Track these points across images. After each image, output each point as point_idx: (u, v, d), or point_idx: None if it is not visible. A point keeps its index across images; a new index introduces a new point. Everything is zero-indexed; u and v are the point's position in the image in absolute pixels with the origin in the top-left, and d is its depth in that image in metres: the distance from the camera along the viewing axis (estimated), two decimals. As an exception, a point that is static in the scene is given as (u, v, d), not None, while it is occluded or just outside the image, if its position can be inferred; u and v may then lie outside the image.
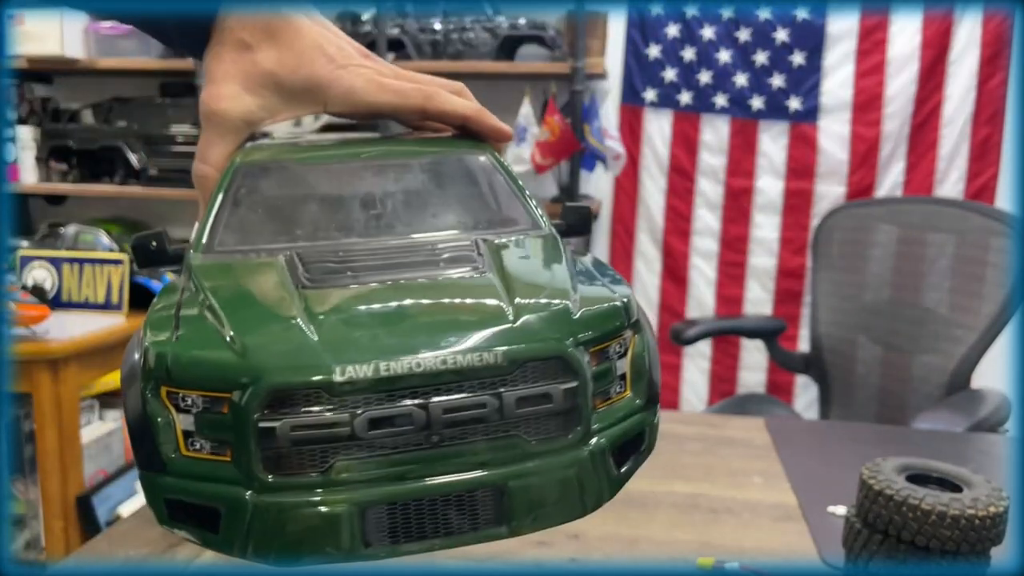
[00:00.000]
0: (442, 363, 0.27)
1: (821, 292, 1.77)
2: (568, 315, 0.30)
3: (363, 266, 0.32)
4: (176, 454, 0.28)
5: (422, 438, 0.27)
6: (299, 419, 0.26)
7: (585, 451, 0.30)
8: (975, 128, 2.23)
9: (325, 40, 0.44)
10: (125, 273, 2.14)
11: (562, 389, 0.29)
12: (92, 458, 2.02)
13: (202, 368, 0.27)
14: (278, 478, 0.27)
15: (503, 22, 2.17)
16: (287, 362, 0.26)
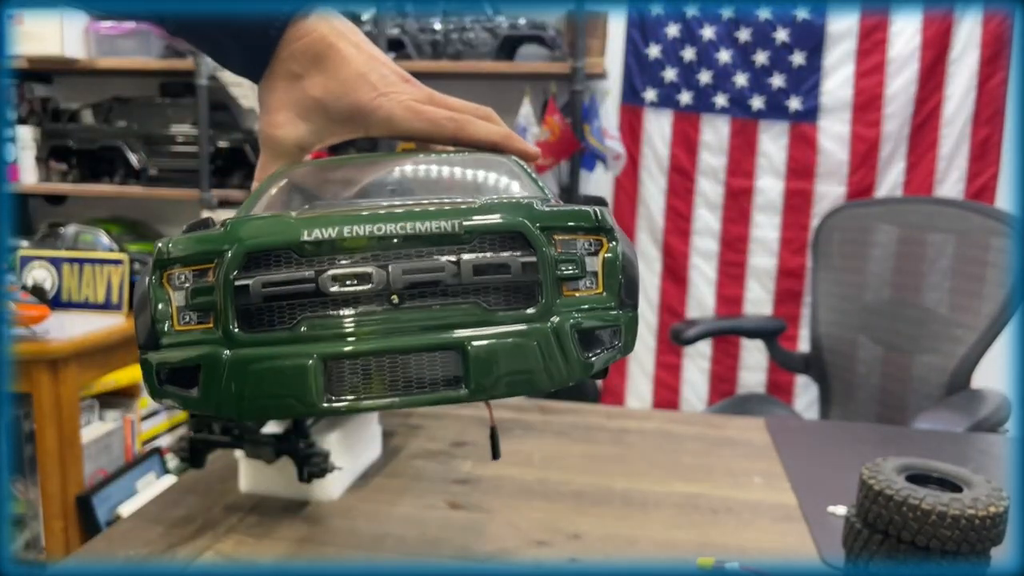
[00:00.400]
0: (401, 228, 0.29)
1: (821, 292, 1.77)
2: (531, 207, 0.32)
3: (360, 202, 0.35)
4: (169, 330, 0.31)
5: (384, 298, 0.29)
6: (270, 277, 0.29)
7: (548, 325, 0.31)
8: (975, 128, 2.24)
9: (369, 68, 0.47)
10: (125, 273, 2.14)
11: (520, 261, 0.30)
12: (92, 458, 2.02)
13: (193, 244, 0.31)
14: (250, 334, 0.30)
15: (503, 22, 2.17)
16: (263, 232, 0.30)
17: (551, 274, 0.31)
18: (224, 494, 0.80)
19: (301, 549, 0.69)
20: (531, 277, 0.31)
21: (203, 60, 2.18)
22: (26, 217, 2.59)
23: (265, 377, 0.30)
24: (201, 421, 0.74)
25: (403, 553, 0.69)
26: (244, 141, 2.26)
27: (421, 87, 0.49)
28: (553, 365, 0.32)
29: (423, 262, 0.29)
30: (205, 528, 0.73)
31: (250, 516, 0.75)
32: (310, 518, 0.75)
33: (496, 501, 0.78)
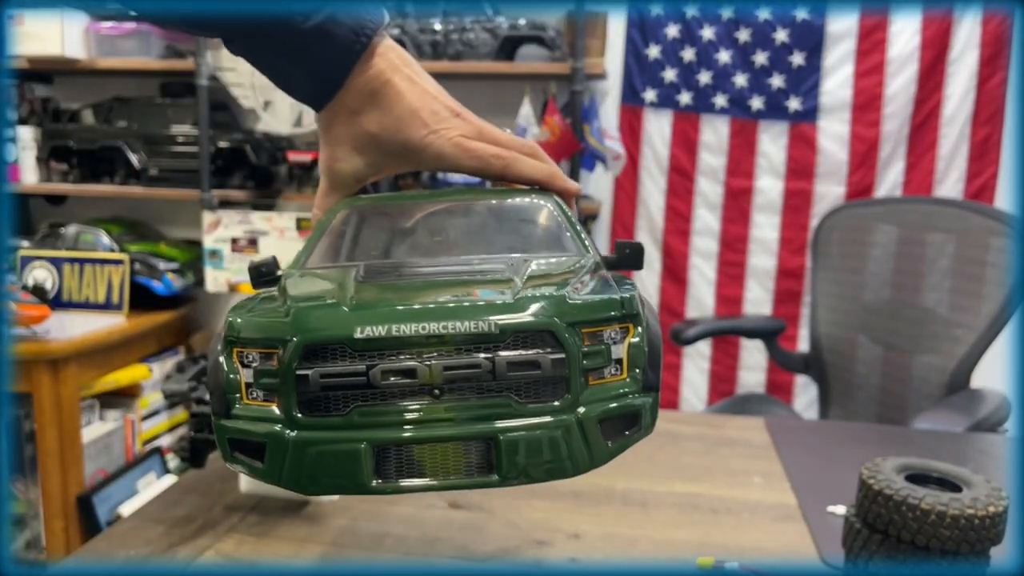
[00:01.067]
0: (443, 328, 0.32)
1: (821, 292, 1.78)
2: (563, 300, 0.34)
3: (411, 272, 0.39)
4: (239, 403, 0.35)
5: (427, 391, 0.33)
6: (326, 368, 0.33)
7: (572, 417, 0.34)
8: (974, 128, 2.24)
9: (421, 104, 0.50)
10: (125, 273, 2.14)
11: (550, 359, 0.33)
12: (92, 458, 2.02)
13: (260, 329, 0.35)
14: (309, 418, 0.33)
15: (503, 22, 2.17)
16: (320, 324, 0.33)
17: (578, 368, 0.34)
18: (225, 494, 0.80)
19: (301, 549, 0.70)
20: (560, 372, 0.34)
21: (203, 60, 2.18)
22: (27, 217, 2.59)
23: (322, 459, 0.33)
24: (201, 421, 0.74)
25: (403, 553, 0.69)
26: (244, 141, 2.26)
27: (471, 120, 0.51)
28: (577, 454, 0.34)
29: (462, 359, 0.33)
30: (206, 528, 0.73)
31: (250, 516, 0.75)
32: (310, 518, 0.75)
33: (496, 501, 0.78)
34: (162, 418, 2.29)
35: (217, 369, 0.36)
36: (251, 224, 2.26)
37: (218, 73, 2.24)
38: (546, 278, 0.37)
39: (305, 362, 0.33)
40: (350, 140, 0.51)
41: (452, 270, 0.39)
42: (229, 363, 0.35)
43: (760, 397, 1.99)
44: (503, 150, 0.50)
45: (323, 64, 0.49)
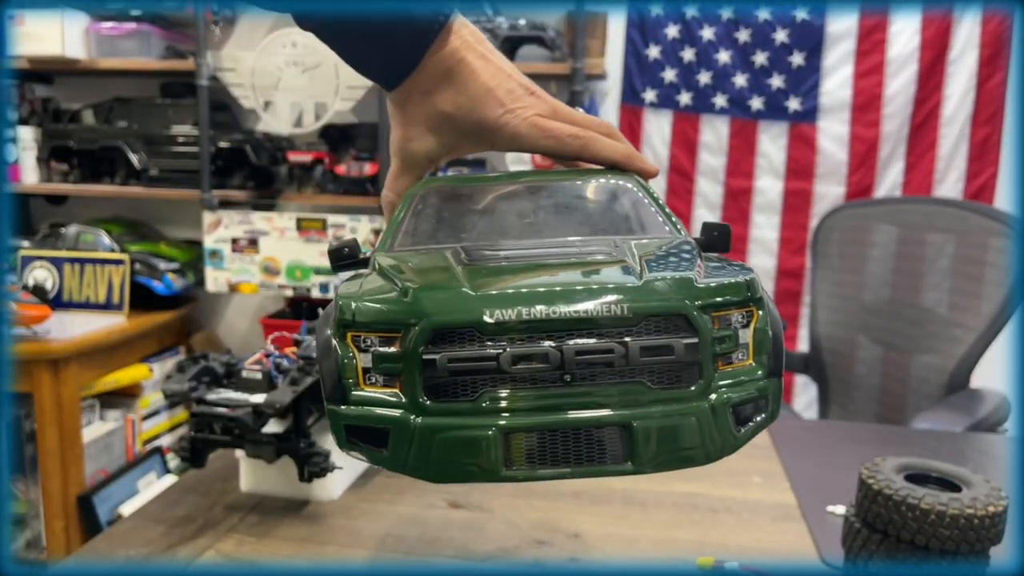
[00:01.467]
0: (574, 312, 0.31)
1: (820, 292, 1.78)
2: (691, 282, 0.34)
3: (514, 255, 0.38)
4: (356, 388, 0.34)
5: (557, 376, 0.32)
6: (455, 353, 0.32)
7: (706, 403, 0.33)
8: (974, 128, 2.24)
9: (496, 82, 0.49)
10: (126, 273, 2.15)
11: (683, 343, 0.32)
12: (93, 458, 2.02)
13: (379, 313, 0.33)
14: (437, 404, 0.32)
15: (503, 23, 2.17)
16: (447, 307, 0.32)
17: (710, 353, 0.33)
18: (225, 494, 0.80)
19: (302, 548, 0.70)
20: (692, 357, 0.33)
21: (203, 61, 2.18)
22: (27, 217, 2.59)
23: (452, 445, 0.32)
24: (201, 421, 0.74)
25: (403, 552, 0.69)
26: (244, 141, 2.26)
27: (547, 99, 0.50)
28: (710, 441, 0.34)
29: (594, 344, 0.31)
30: (206, 527, 0.73)
31: (251, 515, 0.75)
32: (310, 517, 0.75)
33: (496, 500, 0.78)
34: (162, 418, 2.29)
35: (330, 353, 0.34)
36: (251, 224, 2.26)
37: (218, 73, 2.24)
38: (661, 259, 0.36)
39: (432, 346, 0.32)
40: (424, 120, 0.50)
41: (557, 252, 0.37)
42: (343, 347, 0.34)
43: (760, 397, 1.99)
44: (580, 129, 0.49)
45: (400, 43, 0.47)
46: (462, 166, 2.24)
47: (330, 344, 0.34)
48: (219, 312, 2.63)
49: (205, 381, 0.75)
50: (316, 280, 2.26)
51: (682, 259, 0.37)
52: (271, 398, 0.69)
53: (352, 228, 2.22)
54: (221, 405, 0.72)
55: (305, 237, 2.24)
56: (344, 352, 0.34)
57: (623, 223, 0.43)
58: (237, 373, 0.75)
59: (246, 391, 0.74)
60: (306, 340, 0.85)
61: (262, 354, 0.78)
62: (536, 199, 0.45)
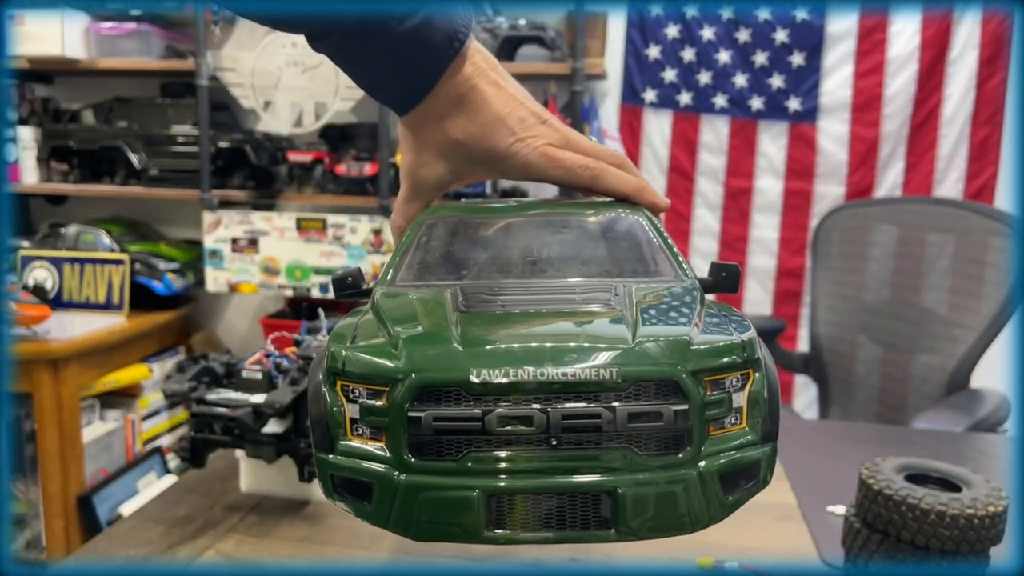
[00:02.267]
0: (562, 375, 0.30)
1: (820, 292, 1.78)
2: (686, 345, 0.32)
3: (512, 299, 0.37)
4: (344, 438, 0.33)
5: (543, 439, 0.31)
6: (440, 412, 0.31)
7: (693, 471, 0.32)
8: (974, 128, 2.24)
9: (508, 110, 0.49)
10: (126, 273, 2.15)
11: (673, 410, 0.31)
12: (93, 458, 2.02)
13: (368, 366, 0.33)
14: (421, 462, 0.32)
15: (503, 23, 2.17)
16: (434, 364, 0.31)
17: (700, 419, 0.32)
18: (225, 494, 0.80)
19: (302, 548, 0.70)
20: (682, 424, 0.32)
21: (203, 61, 2.18)
22: (27, 217, 2.59)
23: (435, 505, 0.32)
24: (202, 421, 0.74)
25: (403, 552, 0.69)
26: (245, 142, 2.26)
27: (559, 127, 0.50)
28: (697, 510, 0.33)
29: (581, 408, 0.31)
30: (206, 527, 0.73)
31: (251, 515, 0.75)
32: (310, 517, 0.75)
33: (496, 501, 0.78)
34: (162, 418, 2.29)
35: (319, 400, 0.34)
36: (251, 224, 2.26)
37: (218, 73, 2.24)
38: (659, 312, 0.36)
39: (418, 403, 0.31)
40: (435, 146, 0.49)
41: (555, 298, 0.37)
42: (332, 396, 0.34)
43: (760, 397, 1.99)
44: (591, 160, 0.49)
45: (414, 68, 0.47)
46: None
47: (320, 391, 0.34)
48: (219, 312, 2.63)
49: (205, 381, 0.75)
50: (316, 280, 2.26)
51: (681, 311, 0.36)
52: (271, 398, 0.70)
53: (352, 228, 2.22)
54: (221, 405, 0.72)
55: (305, 237, 2.24)
56: (333, 400, 0.34)
57: (627, 264, 0.42)
58: (237, 373, 0.75)
59: (246, 391, 0.74)
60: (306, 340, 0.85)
61: (262, 354, 0.78)
62: (542, 235, 0.44)
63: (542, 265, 0.41)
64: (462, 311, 0.35)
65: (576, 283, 0.39)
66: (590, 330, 0.33)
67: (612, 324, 0.34)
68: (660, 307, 0.37)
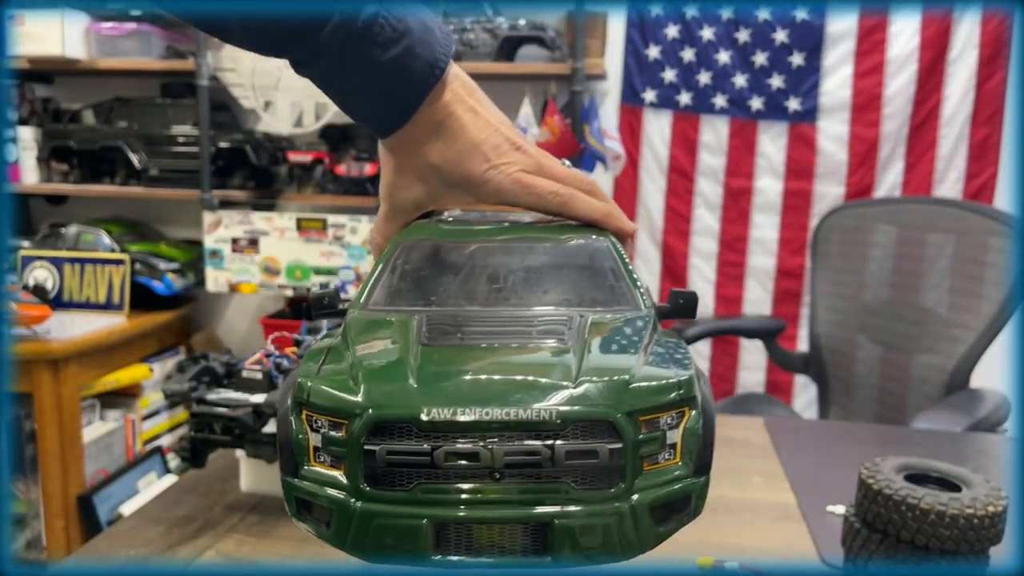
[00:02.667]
0: (506, 415, 0.33)
1: (820, 292, 1.78)
2: (624, 386, 0.35)
3: (472, 331, 0.39)
4: (307, 464, 0.36)
5: (487, 473, 0.33)
6: (392, 446, 0.33)
7: (626, 504, 0.35)
8: (974, 128, 2.24)
9: (483, 137, 0.50)
10: (126, 273, 2.15)
11: (608, 448, 0.34)
12: (93, 458, 2.02)
13: (329, 399, 0.35)
14: (375, 491, 0.34)
15: (503, 23, 2.17)
16: (389, 401, 0.34)
17: (634, 457, 0.34)
18: (225, 493, 0.80)
19: (301, 548, 0.70)
20: (616, 461, 0.34)
21: (203, 61, 2.18)
22: (27, 217, 2.59)
23: (386, 531, 0.34)
24: (202, 421, 0.74)
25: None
26: (245, 142, 2.26)
27: (531, 153, 0.52)
28: (629, 539, 0.36)
29: (522, 446, 0.33)
30: (206, 527, 0.73)
31: (251, 515, 0.76)
32: (311, 517, 0.75)
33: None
34: (162, 418, 2.29)
35: (287, 427, 0.37)
36: (251, 224, 2.26)
37: (218, 74, 2.24)
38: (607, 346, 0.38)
39: (373, 437, 0.34)
40: (413, 169, 0.51)
41: (513, 331, 0.39)
42: (298, 423, 0.36)
43: (759, 397, 2.00)
44: (561, 187, 0.51)
45: (396, 95, 0.49)
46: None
47: (287, 418, 0.37)
48: (219, 312, 2.63)
49: (205, 381, 0.75)
50: (316, 280, 2.26)
51: (629, 347, 0.38)
52: (271, 398, 0.70)
53: (352, 228, 2.22)
54: (221, 405, 0.72)
55: (305, 237, 2.24)
56: (299, 428, 0.36)
57: (587, 293, 0.44)
58: (237, 373, 0.75)
59: (246, 391, 0.74)
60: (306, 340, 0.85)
61: (262, 354, 0.78)
62: (509, 262, 0.46)
63: (506, 293, 0.43)
64: (424, 344, 0.38)
65: (536, 314, 0.42)
66: (537, 369, 0.35)
67: (560, 362, 0.36)
68: (610, 341, 0.39)
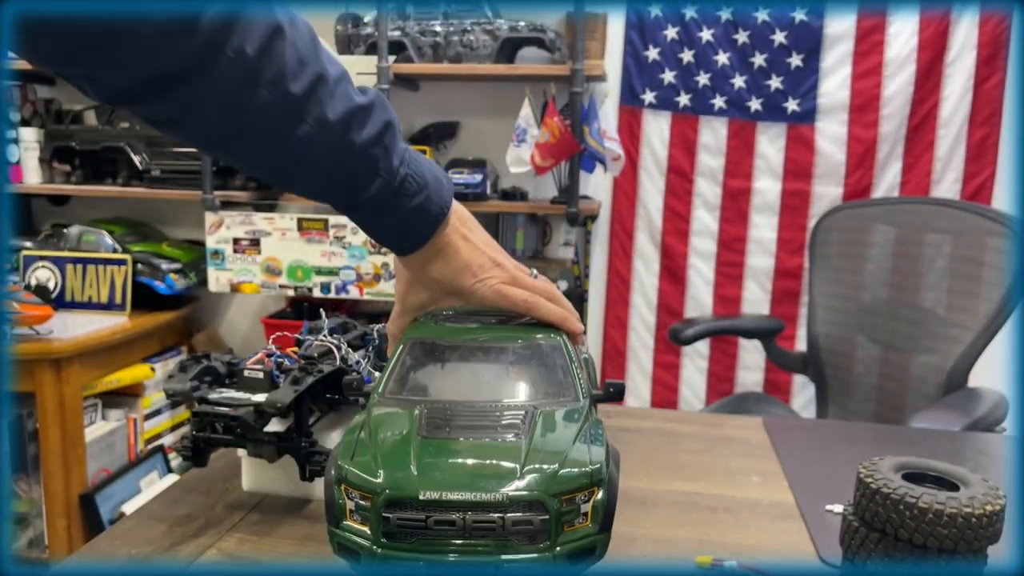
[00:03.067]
0: (474, 497, 0.48)
1: (819, 292, 1.78)
2: (553, 476, 0.49)
3: (457, 424, 0.53)
4: (345, 520, 0.51)
5: (461, 533, 0.48)
6: (400, 515, 0.48)
7: (550, 555, 0.49)
8: (972, 129, 2.24)
9: (471, 259, 0.68)
10: (128, 273, 2.15)
11: (539, 519, 0.48)
12: (95, 457, 2.03)
13: (360, 480, 0.50)
14: (389, 543, 0.49)
15: (503, 24, 2.17)
16: (398, 485, 0.48)
17: (557, 523, 0.48)
18: (226, 492, 0.80)
19: (303, 547, 0.70)
20: (545, 527, 0.49)
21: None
22: (30, 218, 2.59)
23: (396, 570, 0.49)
24: (203, 420, 0.74)
25: (405, 551, 0.70)
26: (245, 142, 2.26)
27: (508, 268, 0.69)
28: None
29: (484, 516, 0.47)
30: (207, 526, 0.73)
31: (252, 514, 0.76)
32: (312, 516, 0.76)
33: (496, 500, 0.79)
34: (164, 417, 2.29)
35: (331, 491, 0.51)
36: (253, 225, 2.27)
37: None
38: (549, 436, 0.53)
39: (387, 508, 0.48)
40: (420, 280, 0.70)
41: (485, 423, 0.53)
42: (339, 492, 0.51)
43: (758, 396, 2.00)
44: (529, 295, 0.68)
45: (415, 230, 0.67)
46: (463, 167, 2.25)
47: (332, 486, 0.51)
48: (221, 312, 2.64)
49: (207, 380, 0.75)
50: (317, 280, 2.26)
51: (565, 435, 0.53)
52: (273, 397, 0.70)
53: (353, 228, 2.22)
54: (223, 404, 0.73)
55: (306, 238, 2.24)
56: (339, 495, 0.51)
57: (542, 386, 0.59)
58: (239, 372, 0.76)
59: (248, 390, 0.74)
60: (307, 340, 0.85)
61: (264, 354, 0.78)
62: (487, 358, 0.61)
63: (484, 385, 0.59)
64: (422, 437, 0.52)
65: (504, 405, 0.56)
66: (499, 456, 0.50)
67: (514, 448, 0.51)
68: (552, 428, 0.54)
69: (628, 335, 2.51)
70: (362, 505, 0.49)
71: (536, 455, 0.50)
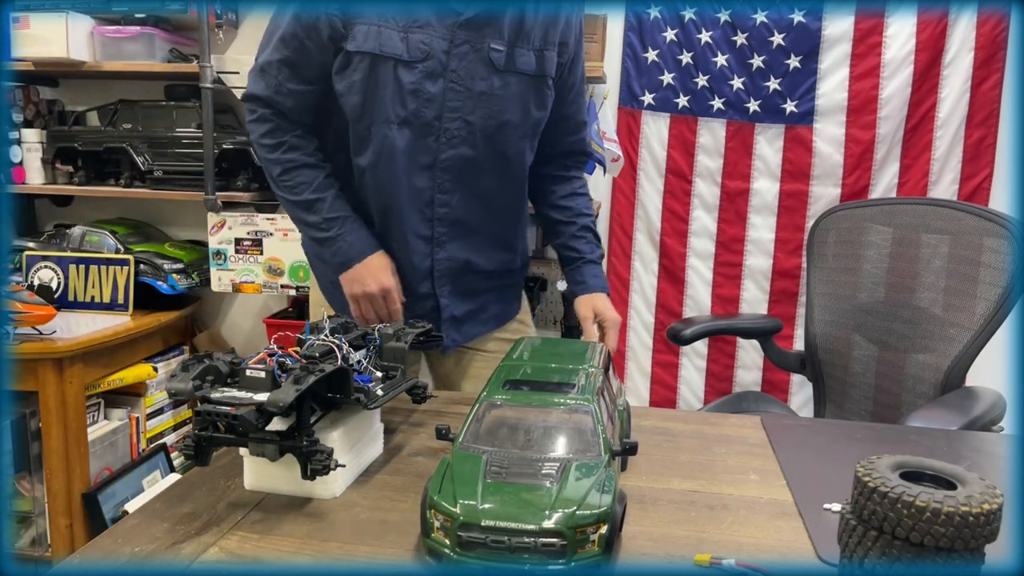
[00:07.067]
0: (518, 527, 0.62)
1: (816, 292, 1.78)
2: (572, 515, 0.63)
3: (512, 471, 0.68)
4: (432, 532, 0.66)
5: (508, 549, 0.62)
6: (469, 534, 0.63)
7: (567, 568, 0.63)
8: (969, 130, 2.25)
9: None
10: (131, 273, 2.16)
11: (560, 543, 0.62)
12: (98, 456, 2.03)
13: (443, 509, 0.65)
14: (461, 551, 0.64)
15: (503, 25, 2.17)
16: (469, 513, 0.64)
17: (573, 547, 0.63)
18: (228, 491, 0.81)
19: (304, 546, 0.71)
20: (564, 551, 0.63)
21: (207, 64, 2.19)
22: (33, 218, 2.60)
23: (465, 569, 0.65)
24: (205, 419, 0.75)
25: (405, 550, 0.71)
26: (248, 144, 2.27)
27: None
28: None
29: (523, 540, 0.62)
30: (210, 525, 0.74)
31: (254, 513, 0.76)
32: (313, 515, 0.76)
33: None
34: (167, 416, 2.30)
35: (424, 511, 0.66)
36: (255, 225, 2.27)
37: (222, 76, 2.25)
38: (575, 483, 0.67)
39: (460, 529, 0.63)
40: None
41: (531, 471, 0.68)
42: (428, 513, 0.66)
43: (756, 395, 2.00)
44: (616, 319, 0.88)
45: None
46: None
47: (425, 509, 0.66)
48: (223, 312, 2.64)
49: (209, 380, 0.76)
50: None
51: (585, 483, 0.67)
52: (274, 397, 0.70)
53: (353, 229, 2.22)
54: (225, 404, 0.73)
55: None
56: (430, 516, 0.66)
57: (574, 444, 0.72)
58: (241, 372, 0.76)
59: (250, 390, 0.75)
60: (309, 339, 0.86)
61: (265, 353, 0.79)
62: (537, 419, 0.75)
63: (534, 442, 0.73)
64: (487, 482, 0.67)
65: (546, 457, 0.71)
66: (536, 498, 0.65)
67: (549, 492, 0.65)
68: (577, 478, 0.67)
69: (627, 335, 2.52)
70: (444, 524, 0.64)
71: (561, 500, 0.65)
